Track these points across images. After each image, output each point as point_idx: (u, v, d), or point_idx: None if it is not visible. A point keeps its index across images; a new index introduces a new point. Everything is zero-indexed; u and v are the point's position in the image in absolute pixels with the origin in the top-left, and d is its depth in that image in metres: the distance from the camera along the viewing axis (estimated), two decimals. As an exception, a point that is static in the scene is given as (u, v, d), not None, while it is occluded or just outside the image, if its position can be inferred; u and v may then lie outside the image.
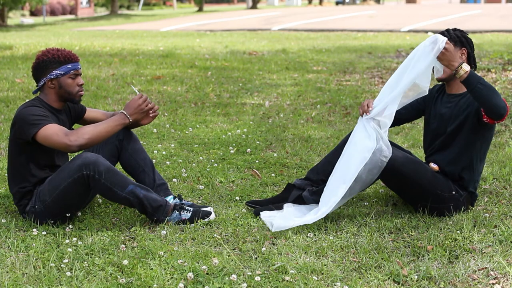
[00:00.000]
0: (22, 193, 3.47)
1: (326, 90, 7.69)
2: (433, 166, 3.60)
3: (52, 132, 3.27)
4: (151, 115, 3.58)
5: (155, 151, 4.98)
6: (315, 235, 3.35)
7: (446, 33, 3.57)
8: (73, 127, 3.71)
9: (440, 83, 3.71)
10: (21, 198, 3.48)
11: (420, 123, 5.90)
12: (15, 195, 3.50)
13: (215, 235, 3.34)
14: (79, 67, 3.49)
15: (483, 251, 3.13)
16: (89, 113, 3.76)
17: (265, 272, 2.90)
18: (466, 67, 3.27)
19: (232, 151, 5.00)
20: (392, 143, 3.73)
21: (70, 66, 3.44)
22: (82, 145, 3.28)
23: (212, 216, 3.55)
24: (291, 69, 9.60)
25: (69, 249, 3.13)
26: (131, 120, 3.41)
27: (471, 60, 3.59)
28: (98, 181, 3.29)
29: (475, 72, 3.35)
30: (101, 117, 3.78)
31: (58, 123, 3.45)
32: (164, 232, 3.34)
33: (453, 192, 3.54)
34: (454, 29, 3.62)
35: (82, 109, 3.74)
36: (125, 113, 3.41)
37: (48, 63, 3.42)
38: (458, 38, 3.55)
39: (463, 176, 3.57)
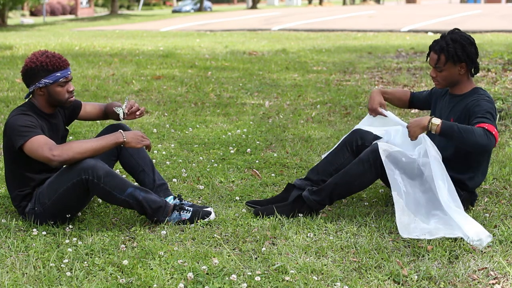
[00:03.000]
0: (21, 196, 3.46)
1: (326, 90, 7.70)
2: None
3: (37, 145, 3.24)
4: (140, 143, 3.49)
5: (155, 151, 4.98)
6: (315, 235, 3.35)
7: (445, 46, 3.46)
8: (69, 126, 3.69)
9: None
10: (20, 201, 3.48)
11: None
12: (14, 198, 3.49)
13: (215, 235, 3.33)
14: (69, 73, 3.42)
15: (483, 251, 3.12)
16: (85, 108, 3.74)
17: (265, 272, 2.90)
18: (436, 121, 3.30)
19: (232, 151, 5.00)
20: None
21: (59, 74, 3.37)
22: (64, 161, 3.24)
23: (212, 216, 3.55)
24: (291, 69, 9.60)
25: (69, 249, 3.13)
26: (125, 139, 3.36)
27: (469, 72, 3.53)
28: (97, 185, 3.28)
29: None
30: (97, 112, 3.78)
31: (49, 129, 3.45)
32: (164, 232, 3.34)
33: (453, 192, 3.53)
34: (455, 41, 3.46)
35: (77, 106, 3.71)
36: (123, 133, 3.38)
37: (36, 71, 3.35)
38: (457, 56, 3.44)
39: (464, 182, 3.56)
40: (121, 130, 3.39)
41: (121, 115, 3.67)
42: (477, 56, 3.52)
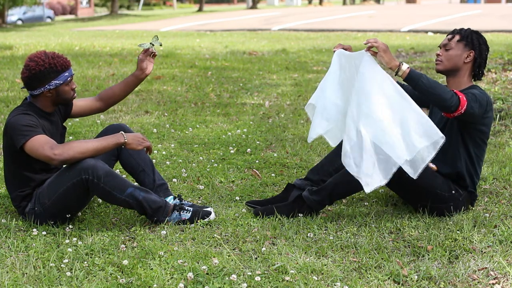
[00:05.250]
0: (21, 196, 3.46)
1: (326, 90, 7.68)
2: (432, 165, 3.60)
3: (39, 144, 3.24)
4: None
5: (155, 151, 4.98)
6: (315, 235, 3.35)
7: (463, 30, 3.54)
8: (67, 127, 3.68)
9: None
10: (20, 201, 3.47)
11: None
12: (14, 199, 3.49)
13: (215, 235, 3.34)
14: (72, 70, 3.46)
15: (483, 251, 3.13)
16: (76, 105, 3.73)
17: (265, 272, 2.90)
18: (404, 66, 3.27)
19: (232, 151, 5.00)
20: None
21: (67, 73, 3.40)
22: (65, 160, 3.24)
23: (212, 216, 3.55)
24: (291, 69, 9.60)
25: (69, 249, 3.13)
26: (126, 140, 3.36)
27: (475, 66, 3.55)
28: (97, 185, 3.28)
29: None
30: (90, 104, 3.75)
31: (50, 127, 3.45)
32: (164, 232, 3.34)
33: (453, 192, 3.54)
34: (475, 32, 3.55)
35: (69, 105, 3.70)
36: (124, 134, 3.38)
37: (46, 74, 3.35)
38: (471, 40, 3.51)
39: (460, 177, 3.56)
40: (122, 132, 3.40)
41: (148, 45, 3.65)
42: (485, 59, 3.52)
